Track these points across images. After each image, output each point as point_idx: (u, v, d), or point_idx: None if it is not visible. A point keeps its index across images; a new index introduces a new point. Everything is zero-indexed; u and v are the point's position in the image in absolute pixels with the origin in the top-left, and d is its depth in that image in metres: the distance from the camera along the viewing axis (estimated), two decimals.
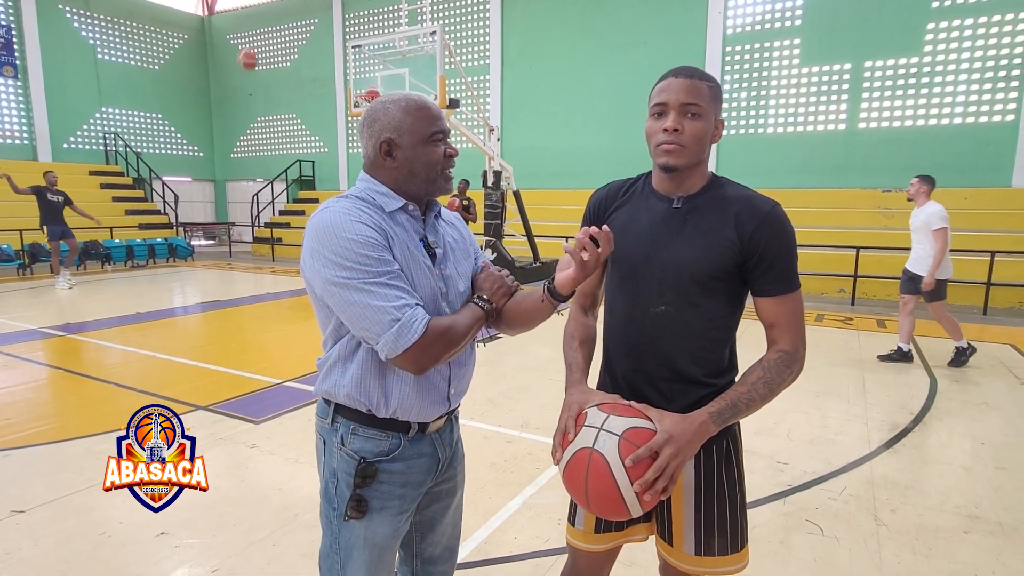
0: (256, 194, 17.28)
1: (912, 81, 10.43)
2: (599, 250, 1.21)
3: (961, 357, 5.40)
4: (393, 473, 1.35)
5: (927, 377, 5.10)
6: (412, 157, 1.32)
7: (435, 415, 1.39)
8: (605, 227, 1.22)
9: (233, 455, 3.47)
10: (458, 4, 14.89)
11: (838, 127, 11.11)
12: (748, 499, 2.94)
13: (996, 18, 9.78)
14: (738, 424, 1.40)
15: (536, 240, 10.75)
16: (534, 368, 5.29)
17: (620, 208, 1.43)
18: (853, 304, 8.91)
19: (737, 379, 1.32)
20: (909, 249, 8.98)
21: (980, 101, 10.01)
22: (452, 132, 13.32)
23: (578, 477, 1.22)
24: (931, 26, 10.18)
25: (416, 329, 1.20)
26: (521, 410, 4.23)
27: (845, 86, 10.95)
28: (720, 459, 1.36)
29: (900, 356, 5.51)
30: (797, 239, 1.31)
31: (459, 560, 2.44)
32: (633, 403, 1.28)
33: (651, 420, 1.22)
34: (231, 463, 3.38)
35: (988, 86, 9.94)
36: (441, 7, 15.05)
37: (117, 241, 13.45)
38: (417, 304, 1.24)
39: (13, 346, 5.97)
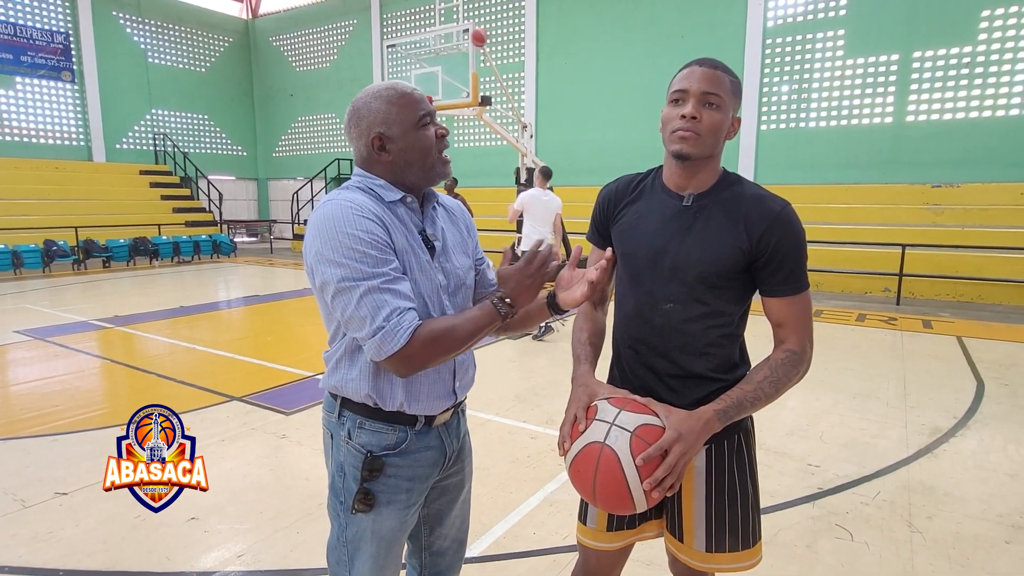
0: (296, 192, 17.70)
1: (965, 71, 9.95)
2: (605, 267, 1.28)
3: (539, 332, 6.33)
4: (400, 467, 1.35)
5: (974, 380, 4.87)
6: (406, 146, 1.31)
7: (441, 408, 1.39)
8: (609, 251, 1.33)
9: (263, 444, 3.58)
10: (494, 1, 14.91)
11: (884, 120, 10.68)
12: (775, 501, 2.92)
13: None
14: (751, 418, 1.38)
15: (570, 237, 10.67)
16: (565, 364, 5.27)
17: (630, 204, 1.41)
18: (898, 304, 8.57)
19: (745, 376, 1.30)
20: (960, 247, 8.74)
21: None
22: (485, 129, 13.29)
23: (586, 470, 1.21)
24: (986, 13, 9.69)
25: (400, 338, 1.17)
26: (548, 407, 4.22)
27: (892, 78, 10.52)
28: (732, 454, 1.34)
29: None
30: (840, 236, 1.29)
31: (477, 554, 2.49)
32: (640, 398, 1.27)
33: (659, 416, 1.21)
34: (261, 452, 3.48)
35: None
36: (477, 5, 15.10)
37: (164, 238, 13.98)
38: (409, 308, 1.21)
39: (65, 337, 6.28)
